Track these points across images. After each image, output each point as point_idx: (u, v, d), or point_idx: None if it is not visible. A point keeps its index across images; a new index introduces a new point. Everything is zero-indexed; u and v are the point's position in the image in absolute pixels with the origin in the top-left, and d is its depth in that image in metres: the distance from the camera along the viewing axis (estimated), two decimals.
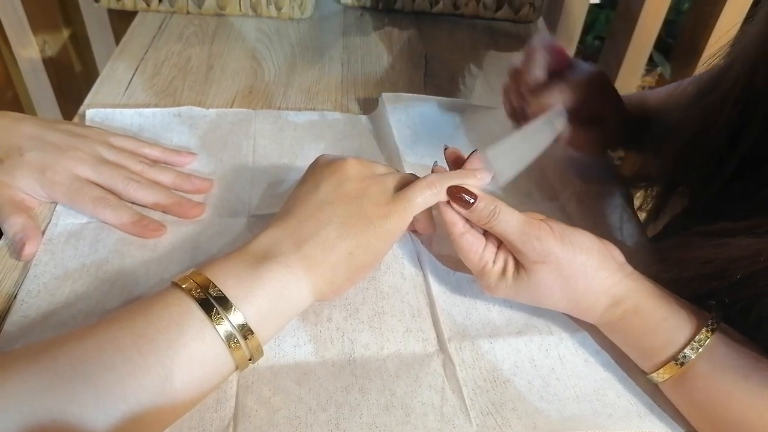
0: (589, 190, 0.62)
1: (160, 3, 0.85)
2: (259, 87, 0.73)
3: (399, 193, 0.46)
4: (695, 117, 0.53)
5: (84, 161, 0.52)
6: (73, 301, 0.46)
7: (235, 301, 0.39)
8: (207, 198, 0.56)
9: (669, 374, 0.43)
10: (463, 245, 0.46)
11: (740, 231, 0.42)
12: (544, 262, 0.43)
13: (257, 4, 0.86)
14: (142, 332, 0.37)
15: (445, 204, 0.46)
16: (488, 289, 0.47)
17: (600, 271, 0.44)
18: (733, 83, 0.49)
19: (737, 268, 0.41)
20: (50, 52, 1.15)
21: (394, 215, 0.45)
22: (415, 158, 0.63)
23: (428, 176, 0.47)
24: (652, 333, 0.43)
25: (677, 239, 0.47)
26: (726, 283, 0.42)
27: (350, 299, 0.49)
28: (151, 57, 0.76)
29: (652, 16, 1.13)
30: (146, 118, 0.64)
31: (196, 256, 0.51)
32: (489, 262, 0.46)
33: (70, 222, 0.52)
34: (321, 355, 0.45)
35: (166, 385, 0.36)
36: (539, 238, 0.43)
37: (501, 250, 0.46)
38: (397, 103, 0.69)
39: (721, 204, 0.51)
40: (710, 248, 0.43)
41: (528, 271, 0.44)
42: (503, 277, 0.45)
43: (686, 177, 0.56)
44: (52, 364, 0.35)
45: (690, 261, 0.44)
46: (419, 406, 0.42)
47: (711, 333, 0.42)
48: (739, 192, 0.50)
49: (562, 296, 0.45)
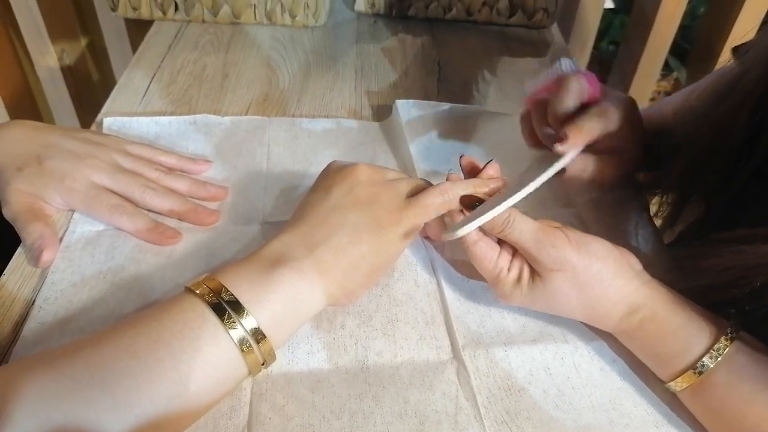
0: (605, 197, 0.62)
1: (176, 12, 0.86)
2: (273, 94, 0.74)
3: (411, 199, 0.46)
4: (711, 124, 0.52)
5: (101, 169, 0.52)
6: (90, 307, 0.46)
7: (248, 305, 0.39)
8: (221, 205, 0.57)
9: (687, 383, 0.42)
10: (477, 253, 0.45)
11: (758, 238, 0.41)
12: (560, 270, 0.43)
13: (272, 13, 0.86)
14: (157, 337, 0.37)
15: (458, 212, 0.46)
16: (503, 297, 0.46)
17: (616, 278, 0.44)
18: (750, 89, 0.48)
19: (756, 275, 0.41)
20: (68, 61, 1.16)
21: (405, 221, 0.45)
22: (429, 165, 0.63)
23: (441, 184, 0.47)
24: (669, 341, 0.43)
25: (694, 247, 0.47)
26: (745, 291, 0.41)
27: (363, 306, 0.49)
28: (167, 65, 0.77)
29: (667, 20, 1.13)
30: (162, 126, 0.65)
31: (210, 263, 0.51)
32: (504, 270, 0.45)
33: (87, 229, 0.52)
34: (334, 362, 0.45)
35: (182, 390, 0.36)
36: (554, 246, 0.43)
37: (516, 258, 0.46)
38: (410, 110, 0.69)
39: (737, 211, 0.51)
40: (728, 255, 0.43)
41: (544, 279, 0.44)
42: (518, 285, 0.45)
43: (702, 184, 0.55)
44: (69, 371, 0.35)
45: (708, 269, 0.44)
46: (433, 414, 0.42)
47: (730, 342, 0.41)
48: (754, 199, 0.49)
49: (578, 303, 0.44)
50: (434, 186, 0.47)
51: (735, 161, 0.50)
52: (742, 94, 0.49)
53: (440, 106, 0.72)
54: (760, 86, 0.47)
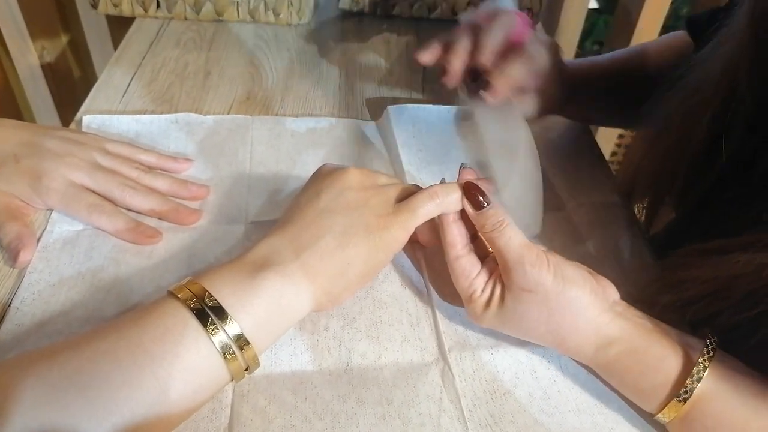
0: (596, 201, 0.62)
1: (158, 9, 0.85)
2: (256, 93, 0.73)
3: (400, 204, 0.46)
4: (677, 124, 0.52)
5: (80, 168, 0.52)
6: (68, 308, 0.46)
7: (232, 310, 0.38)
8: (203, 205, 0.56)
9: (674, 413, 0.41)
10: (457, 269, 0.45)
11: (737, 247, 0.41)
12: (531, 291, 0.42)
13: (255, 10, 0.86)
14: (138, 342, 0.36)
15: (448, 223, 0.45)
16: (474, 317, 0.46)
17: (588, 310, 0.42)
18: (714, 87, 0.48)
19: (738, 286, 0.40)
20: (49, 59, 1.15)
21: (395, 226, 0.44)
22: (418, 167, 0.62)
23: (431, 187, 0.46)
24: (650, 372, 0.42)
25: (674, 257, 0.46)
26: (729, 303, 0.40)
27: (348, 308, 0.48)
28: (148, 63, 0.76)
29: (650, 21, 1.13)
30: (143, 124, 0.64)
31: (192, 264, 0.50)
32: (477, 290, 0.44)
33: (65, 229, 0.51)
34: (318, 364, 0.45)
35: (161, 397, 0.36)
36: (533, 265, 0.42)
37: (490, 281, 0.45)
38: (402, 115, 0.69)
39: (708, 217, 0.50)
40: (710, 267, 0.42)
41: (514, 298, 0.43)
42: (488, 308, 0.44)
43: (670, 186, 0.55)
44: (46, 375, 0.34)
45: (689, 281, 0.43)
46: (416, 416, 0.42)
47: (708, 361, 0.40)
48: (725, 205, 0.49)
49: (546, 330, 0.43)
50: (423, 190, 0.46)
51: (702, 162, 0.50)
52: (707, 92, 0.48)
53: (432, 108, 0.71)
54: (724, 84, 0.47)
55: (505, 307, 0.43)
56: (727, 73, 0.47)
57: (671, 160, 0.53)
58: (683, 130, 0.51)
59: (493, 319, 0.44)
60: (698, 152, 0.50)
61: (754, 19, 0.44)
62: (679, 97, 0.52)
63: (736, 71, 0.46)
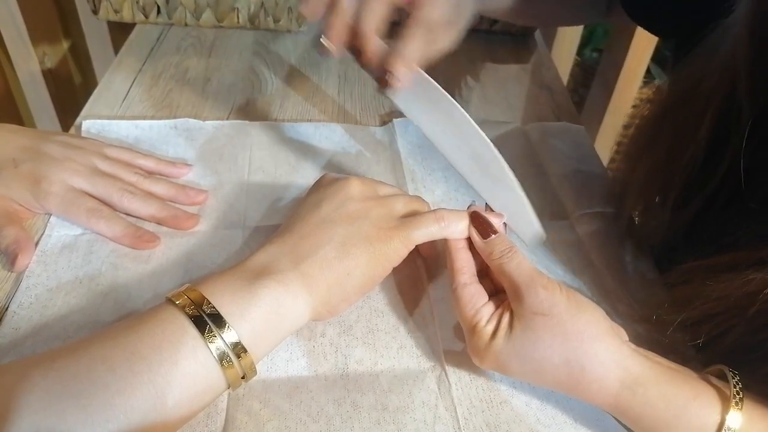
0: (599, 212, 0.61)
1: (159, 15, 0.85)
2: (256, 99, 0.73)
3: (404, 220, 0.45)
4: (668, 131, 0.51)
5: (79, 172, 0.52)
6: (65, 313, 0.46)
7: (230, 318, 0.38)
8: (202, 210, 0.56)
9: None
10: (463, 297, 0.43)
11: (748, 263, 0.39)
12: (545, 314, 0.39)
13: (255, 17, 0.86)
14: (134, 349, 0.36)
15: (457, 249, 0.45)
16: (476, 351, 0.42)
17: (609, 335, 0.39)
18: (710, 93, 0.47)
19: (753, 304, 0.38)
20: (50, 64, 1.15)
21: (395, 240, 0.44)
22: (422, 174, 0.63)
23: (439, 210, 0.46)
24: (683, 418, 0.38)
25: (679, 275, 0.44)
26: (742, 321, 0.39)
27: (345, 316, 0.48)
28: (148, 69, 0.76)
29: None
30: (143, 129, 0.64)
31: (190, 269, 0.50)
32: (483, 320, 0.42)
33: (64, 233, 0.52)
34: (314, 369, 0.45)
35: (158, 404, 0.36)
36: (546, 287, 0.40)
37: (497, 312, 0.42)
38: (407, 128, 0.69)
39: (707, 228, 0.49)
40: (721, 284, 0.40)
41: (525, 326, 0.40)
42: (494, 339, 0.41)
43: (664, 196, 0.53)
44: (42, 382, 0.34)
45: (700, 298, 0.41)
46: (411, 422, 0.42)
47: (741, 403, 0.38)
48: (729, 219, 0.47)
49: (561, 360, 0.39)
50: (431, 212, 0.46)
51: (697, 171, 0.49)
52: (703, 97, 0.47)
53: None
54: (721, 90, 0.46)
55: (514, 335, 0.40)
56: (725, 79, 0.46)
57: (663, 171, 0.52)
58: (675, 138, 0.50)
59: (499, 352, 0.41)
60: (693, 163, 0.49)
61: (754, 22, 0.43)
62: (672, 104, 0.52)
63: (734, 77, 0.45)
